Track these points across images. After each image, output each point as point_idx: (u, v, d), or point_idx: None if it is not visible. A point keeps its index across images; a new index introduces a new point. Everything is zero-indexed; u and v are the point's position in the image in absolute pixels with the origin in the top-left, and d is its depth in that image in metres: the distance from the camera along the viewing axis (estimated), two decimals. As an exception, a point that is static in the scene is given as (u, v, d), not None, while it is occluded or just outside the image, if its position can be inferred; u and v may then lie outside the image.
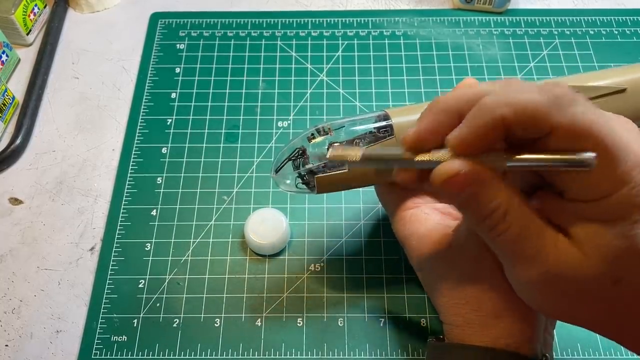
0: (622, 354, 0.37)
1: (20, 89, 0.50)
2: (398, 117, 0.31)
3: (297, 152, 0.32)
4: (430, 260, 0.31)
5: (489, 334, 0.29)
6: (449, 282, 0.30)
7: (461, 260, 0.30)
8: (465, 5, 0.54)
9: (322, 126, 0.32)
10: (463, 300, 0.30)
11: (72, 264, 0.41)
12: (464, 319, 0.30)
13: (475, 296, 0.29)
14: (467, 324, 0.30)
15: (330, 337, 0.37)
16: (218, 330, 0.38)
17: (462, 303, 0.30)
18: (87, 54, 0.53)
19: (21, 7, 0.50)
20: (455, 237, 0.30)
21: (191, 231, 0.42)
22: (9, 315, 0.39)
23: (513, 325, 0.29)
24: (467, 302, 0.30)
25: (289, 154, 0.33)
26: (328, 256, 0.41)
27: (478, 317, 0.29)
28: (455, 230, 0.30)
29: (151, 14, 0.55)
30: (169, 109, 0.48)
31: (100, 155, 0.46)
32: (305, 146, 0.32)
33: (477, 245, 0.29)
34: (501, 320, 0.29)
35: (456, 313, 0.30)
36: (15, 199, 0.44)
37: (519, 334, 0.29)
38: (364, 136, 0.31)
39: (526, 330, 0.29)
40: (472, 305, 0.29)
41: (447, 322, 0.31)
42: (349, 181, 0.32)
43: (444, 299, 0.31)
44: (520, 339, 0.29)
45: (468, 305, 0.30)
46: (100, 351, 0.37)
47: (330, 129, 0.32)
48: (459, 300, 0.30)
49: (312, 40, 0.52)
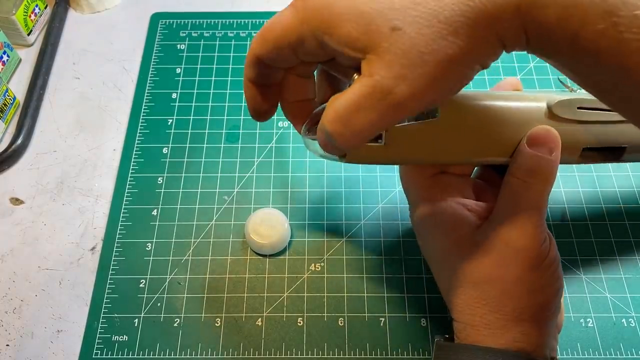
0: (622, 353, 0.37)
1: (21, 89, 0.50)
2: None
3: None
4: (452, 256, 0.31)
5: (506, 336, 0.29)
6: (469, 281, 0.30)
7: (486, 261, 0.29)
8: (465, 6, 0.54)
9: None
10: (483, 301, 0.29)
11: (73, 264, 0.41)
12: (481, 320, 0.29)
13: (496, 298, 0.29)
14: (484, 324, 0.29)
15: (331, 337, 0.38)
16: (219, 330, 0.38)
17: (482, 304, 0.29)
18: (87, 54, 0.53)
19: (22, 8, 0.50)
20: (482, 237, 0.30)
21: (192, 231, 0.42)
22: (10, 315, 0.39)
23: (531, 329, 0.29)
24: (487, 303, 0.29)
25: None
26: (328, 256, 0.41)
27: (497, 319, 0.29)
28: (482, 229, 0.30)
29: (152, 14, 0.55)
30: (169, 109, 0.48)
31: (101, 156, 0.46)
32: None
33: (504, 247, 0.29)
34: (520, 324, 0.29)
35: (473, 313, 0.30)
36: (16, 199, 0.44)
37: (534, 339, 0.29)
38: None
39: (541, 336, 0.29)
40: (492, 306, 0.29)
41: (461, 321, 0.31)
42: (384, 157, 0.30)
43: (462, 297, 0.30)
44: (535, 343, 0.29)
45: (487, 307, 0.29)
46: (101, 351, 0.37)
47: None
48: (479, 301, 0.30)
49: (312, 40, 0.52)
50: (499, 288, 0.29)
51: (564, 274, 0.39)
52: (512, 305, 0.29)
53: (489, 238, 0.29)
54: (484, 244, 0.29)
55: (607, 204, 0.43)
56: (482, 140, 0.30)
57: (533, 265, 0.28)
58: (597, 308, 0.38)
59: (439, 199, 0.32)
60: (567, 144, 0.31)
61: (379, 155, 0.29)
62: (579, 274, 0.40)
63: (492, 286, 0.29)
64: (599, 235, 0.41)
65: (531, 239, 0.28)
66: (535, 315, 0.29)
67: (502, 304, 0.29)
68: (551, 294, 0.29)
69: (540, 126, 0.30)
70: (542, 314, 0.29)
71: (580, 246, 0.41)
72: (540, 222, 0.29)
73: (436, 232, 0.32)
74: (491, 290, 0.29)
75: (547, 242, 0.29)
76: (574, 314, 0.38)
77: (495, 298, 0.29)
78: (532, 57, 0.51)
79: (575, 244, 0.41)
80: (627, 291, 0.39)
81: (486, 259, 0.29)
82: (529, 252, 0.28)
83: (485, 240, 0.29)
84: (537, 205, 0.29)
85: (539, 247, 0.28)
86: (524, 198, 0.29)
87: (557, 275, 0.29)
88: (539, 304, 0.29)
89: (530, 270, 0.28)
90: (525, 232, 0.28)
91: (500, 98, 0.31)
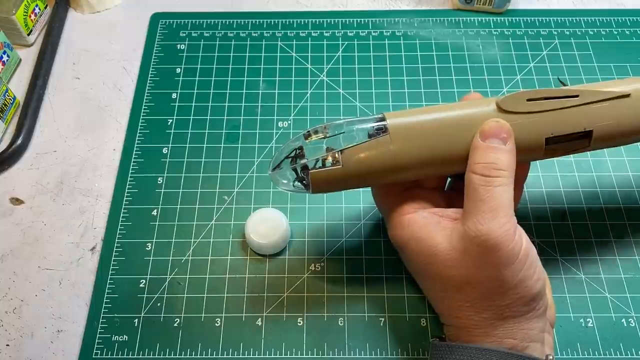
0: (622, 353, 0.37)
1: (21, 89, 0.50)
2: (394, 118, 0.31)
3: (295, 151, 0.32)
4: (430, 265, 0.31)
5: (495, 334, 0.29)
6: (452, 286, 0.30)
7: (463, 265, 0.29)
8: (465, 6, 0.54)
9: (319, 126, 0.32)
10: (467, 303, 0.30)
11: (73, 264, 0.41)
12: (468, 322, 0.30)
13: (479, 299, 0.29)
14: (472, 325, 0.30)
15: (331, 337, 0.38)
16: (219, 330, 0.38)
17: (467, 306, 0.30)
18: (88, 55, 0.53)
19: (22, 8, 0.50)
20: (455, 242, 0.30)
21: (192, 231, 0.42)
22: (10, 315, 0.39)
23: (518, 325, 0.29)
24: (472, 305, 0.30)
25: (287, 152, 0.33)
26: (328, 256, 0.41)
27: (484, 319, 0.29)
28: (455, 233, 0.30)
29: (152, 14, 0.55)
30: (169, 109, 0.48)
31: (101, 156, 0.46)
32: (303, 144, 0.32)
33: (476, 248, 0.29)
34: (507, 320, 0.29)
35: (460, 316, 0.30)
36: (16, 199, 0.44)
37: (524, 334, 0.29)
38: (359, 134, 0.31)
39: (530, 330, 0.29)
40: (477, 308, 0.30)
41: (451, 324, 0.31)
42: (345, 180, 0.31)
43: (447, 302, 0.31)
44: (525, 339, 0.29)
45: (473, 309, 0.30)
46: (101, 351, 0.37)
47: (327, 128, 0.32)
48: (464, 304, 0.30)
49: (312, 40, 0.52)
50: (479, 289, 0.29)
51: (564, 274, 0.40)
52: (495, 303, 0.29)
53: (462, 241, 0.29)
54: (458, 248, 0.30)
55: (607, 204, 0.43)
56: (436, 150, 0.31)
57: (507, 262, 0.28)
58: (597, 308, 0.38)
59: (411, 212, 0.32)
60: (526, 138, 0.31)
61: (338, 178, 0.31)
62: (579, 274, 0.40)
63: (473, 288, 0.29)
64: (599, 235, 0.41)
65: (500, 236, 0.28)
66: (520, 311, 0.29)
67: (486, 304, 0.29)
68: (532, 287, 0.29)
69: (490, 119, 0.30)
70: (527, 309, 0.29)
71: (580, 246, 0.41)
72: (506, 219, 0.28)
73: (412, 245, 0.32)
74: (473, 292, 0.30)
75: (518, 236, 0.29)
76: (574, 314, 0.38)
77: (478, 299, 0.29)
78: (532, 57, 0.51)
79: (575, 244, 0.41)
80: (627, 291, 0.39)
81: (463, 262, 0.29)
82: (500, 250, 0.28)
83: (459, 244, 0.30)
84: (500, 199, 0.29)
85: (510, 243, 0.28)
86: (486, 194, 0.29)
87: (534, 268, 0.29)
88: (521, 299, 0.29)
89: (505, 268, 0.28)
90: (492, 230, 0.28)
91: (450, 108, 0.32)
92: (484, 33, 0.53)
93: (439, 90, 0.49)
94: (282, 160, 0.33)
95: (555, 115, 0.31)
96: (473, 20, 0.54)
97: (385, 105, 0.48)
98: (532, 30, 0.53)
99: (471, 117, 0.31)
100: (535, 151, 0.32)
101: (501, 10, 0.54)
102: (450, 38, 0.52)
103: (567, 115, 0.31)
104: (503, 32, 0.53)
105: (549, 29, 0.53)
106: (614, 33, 0.52)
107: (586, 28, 0.53)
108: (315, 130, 0.32)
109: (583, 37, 0.52)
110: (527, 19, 0.54)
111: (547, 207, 0.43)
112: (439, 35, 0.53)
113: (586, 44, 0.52)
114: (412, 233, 0.32)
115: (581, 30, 0.53)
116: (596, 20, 0.53)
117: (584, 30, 0.53)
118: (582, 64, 0.50)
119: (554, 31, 0.53)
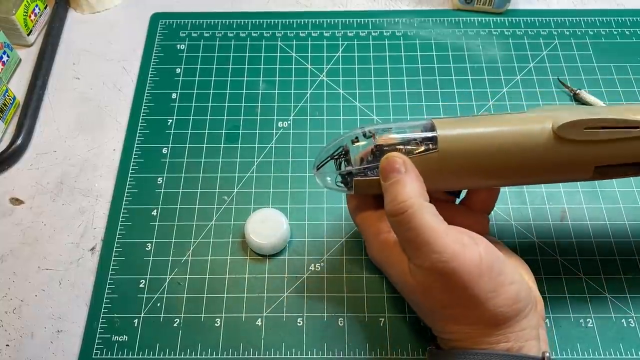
0: (622, 353, 0.37)
1: (21, 89, 0.50)
2: (444, 129, 0.31)
3: (339, 152, 0.33)
4: (403, 290, 0.32)
5: (488, 341, 0.29)
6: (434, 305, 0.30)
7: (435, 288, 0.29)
8: (465, 6, 0.54)
9: (367, 129, 0.32)
10: (453, 319, 0.30)
11: (72, 264, 0.41)
12: (460, 335, 0.30)
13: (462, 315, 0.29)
14: (464, 336, 0.30)
15: (330, 337, 0.38)
16: (218, 330, 0.38)
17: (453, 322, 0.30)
18: (87, 55, 0.53)
19: (22, 8, 0.50)
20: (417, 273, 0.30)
21: (191, 231, 0.42)
22: (9, 315, 0.39)
23: (510, 329, 0.29)
24: (458, 321, 0.30)
25: (332, 152, 0.33)
26: (328, 256, 0.41)
27: (473, 330, 0.29)
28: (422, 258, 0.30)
29: (152, 14, 0.55)
30: (169, 110, 0.48)
31: (101, 156, 0.46)
32: (349, 146, 0.32)
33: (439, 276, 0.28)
34: (496, 327, 0.29)
35: (451, 330, 0.30)
36: (16, 199, 0.44)
37: (517, 335, 0.29)
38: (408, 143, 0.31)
39: (522, 330, 0.29)
40: (464, 322, 0.30)
41: (443, 337, 0.31)
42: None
43: (432, 318, 0.32)
44: (519, 339, 0.29)
45: (459, 324, 0.30)
46: (101, 351, 0.37)
47: (375, 133, 0.32)
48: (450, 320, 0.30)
49: (312, 40, 0.52)
50: (457, 309, 0.29)
51: (564, 274, 0.40)
52: (478, 316, 0.29)
53: (420, 274, 0.29)
54: (420, 280, 0.30)
55: (607, 204, 0.43)
56: (486, 169, 0.31)
57: (473, 278, 0.28)
58: (597, 308, 0.38)
59: (386, 230, 0.32)
60: (577, 164, 0.30)
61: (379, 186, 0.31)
62: (579, 274, 0.40)
63: (452, 309, 0.30)
64: (599, 236, 0.41)
65: (453, 260, 0.28)
66: (505, 316, 0.29)
67: (470, 319, 0.29)
68: (509, 291, 0.29)
69: (383, 159, 0.31)
70: (513, 312, 0.29)
71: (580, 246, 0.41)
72: (443, 240, 0.28)
73: (385, 268, 0.32)
74: (453, 312, 0.30)
75: (471, 248, 0.28)
76: (574, 314, 0.38)
77: (461, 316, 0.30)
78: (532, 57, 0.51)
79: (575, 244, 0.41)
80: (627, 291, 0.39)
81: (435, 286, 0.29)
82: (461, 272, 0.28)
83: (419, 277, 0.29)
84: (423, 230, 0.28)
85: (466, 261, 0.28)
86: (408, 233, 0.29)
87: (504, 274, 0.29)
88: (503, 306, 0.29)
89: (475, 283, 0.28)
90: (435, 263, 0.28)
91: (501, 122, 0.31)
92: (484, 33, 0.53)
93: (439, 91, 0.49)
94: (327, 160, 0.33)
95: (613, 145, 0.30)
96: (473, 20, 0.54)
97: (385, 105, 0.48)
98: (532, 31, 0.53)
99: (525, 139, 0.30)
100: (582, 176, 0.31)
101: (501, 10, 0.54)
102: (450, 38, 0.52)
103: (625, 146, 0.30)
104: (503, 32, 0.53)
105: (548, 29, 0.53)
106: (614, 33, 0.52)
107: (586, 28, 0.53)
108: (364, 133, 0.32)
109: (583, 37, 0.52)
110: (527, 19, 0.54)
111: (547, 207, 0.43)
112: (438, 36, 0.53)
113: (586, 44, 0.52)
114: (382, 258, 0.32)
115: (581, 30, 0.53)
116: (596, 20, 0.53)
117: (584, 30, 0.53)
118: (582, 64, 0.50)
119: (554, 31, 0.53)
